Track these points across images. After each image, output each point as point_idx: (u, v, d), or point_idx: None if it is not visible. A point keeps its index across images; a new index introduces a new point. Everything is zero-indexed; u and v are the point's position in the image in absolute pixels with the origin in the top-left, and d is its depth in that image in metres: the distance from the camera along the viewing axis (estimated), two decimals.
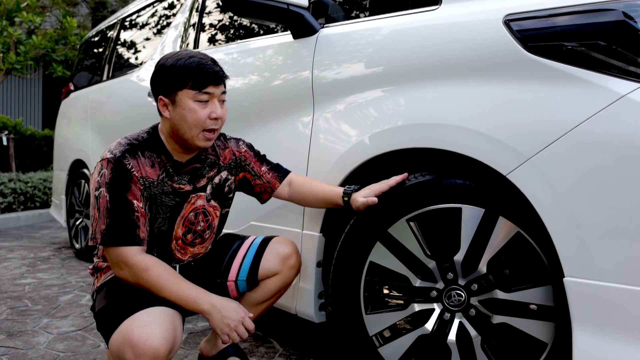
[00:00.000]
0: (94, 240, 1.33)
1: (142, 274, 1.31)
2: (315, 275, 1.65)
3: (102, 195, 1.33)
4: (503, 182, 1.25)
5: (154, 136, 1.44)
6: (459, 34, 1.31)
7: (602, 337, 1.05)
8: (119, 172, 1.34)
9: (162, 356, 1.22)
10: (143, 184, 1.37)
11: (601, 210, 1.06)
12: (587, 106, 1.08)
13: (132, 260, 1.31)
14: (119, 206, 1.32)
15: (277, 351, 1.88)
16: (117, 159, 1.34)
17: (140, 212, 1.35)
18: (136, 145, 1.40)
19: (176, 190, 1.44)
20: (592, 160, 1.07)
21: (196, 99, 1.37)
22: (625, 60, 1.06)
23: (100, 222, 1.32)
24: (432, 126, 1.33)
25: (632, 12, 1.07)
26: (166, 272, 1.34)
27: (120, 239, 1.31)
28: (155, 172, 1.41)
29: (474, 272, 1.33)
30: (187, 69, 1.36)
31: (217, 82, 1.38)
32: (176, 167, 1.45)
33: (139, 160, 1.38)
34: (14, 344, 1.90)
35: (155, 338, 1.21)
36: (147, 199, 1.39)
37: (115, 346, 1.24)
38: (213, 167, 1.53)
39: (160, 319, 1.25)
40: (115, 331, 1.25)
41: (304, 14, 1.70)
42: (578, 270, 1.08)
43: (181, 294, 1.33)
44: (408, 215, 1.38)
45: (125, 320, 1.25)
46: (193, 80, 1.35)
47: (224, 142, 1.59)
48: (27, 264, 3.39)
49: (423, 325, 1.39)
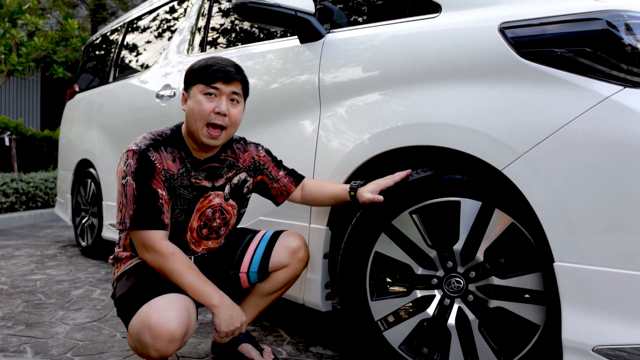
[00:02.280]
0: (123, 225, 1.43)
1: (165, 260, 1.41)
2: (322, 266, 1.75)
3: (128, 183, 1.43)
4: (498, 176, 1.35)
5: (177, 134, 1.55)
6: (458, 40, 1.42)
7: (587, 315, 1.16)
8: (143, 163, 1.44)
9: (178, 339, 1.32)
10: (165, 176, 1.48)
11: (588, 201, 1.16)
12: (574, 107, 1.19)
13: (158, 245, 1.41)
14: (145, 193, 1.43)
15: (284, 339, 1.98)
16: (141, 151, 1.45)
17: (164, 200, 1.46)
18: (160, 140, 1.51)
19: (193, 185, 1.54)
20: (580, 155, 1.17)
21: (204, 92, 1.48)
22: (609, 65, 1.17)
23: (128, 207, 1.43)
24: (433, 125, 1.43)
25: (615, 22, 1.18)
26: (187, 262, 1.44)
27: (147, 223, 1.42)
28: (176, 166, 1.51)
29: (471, 261, 1.43)
30: (203, 67, 1.49)
31: (225, 80, 1.48)
32: (194, 163, 1.55)
33: (162, 154, 1.49)
34: (34, 333, 1.99)
35: (171, 322, 1.30)
36: (168, 189, 1.49)
37: (134, 329, 1.34)
38: (232, 169, 1.64)
39: (176, 305, 1.35)
40: (134, 315, 1.35)
41: (310, 20, 1.80)
42: (566, 255, 1.19)
43: (197, 285, 1.43)
44: (411, 208, 1.48)
45: (143, 305, 1.35)
46: (204, 75, 1.48)
47: (244, 146, 1.69)
48: (35, 261, 3.48)
49: (424, 310, 1.49)
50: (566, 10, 1.24)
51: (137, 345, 1.35)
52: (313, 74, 1.81)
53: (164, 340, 1.30)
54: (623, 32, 1.17)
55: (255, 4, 1.71)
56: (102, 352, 1.81)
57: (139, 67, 3.28)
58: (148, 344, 1.30)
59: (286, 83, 1.93)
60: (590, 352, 1.15)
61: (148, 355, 1.33)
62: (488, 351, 1.41)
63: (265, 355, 1.70)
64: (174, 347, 1.32)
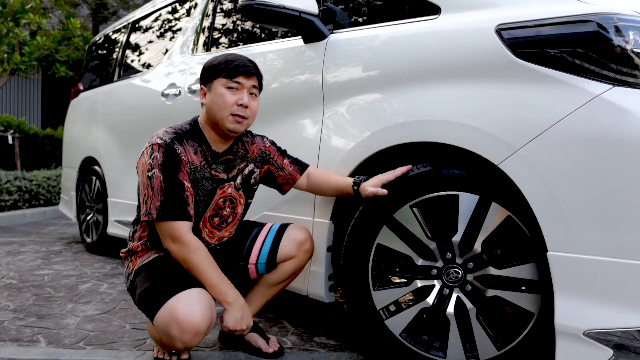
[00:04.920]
0: (149, 216, 1.50)
1: (190, 252, 1.48)
2: (326, 259, 1.81)
3: (155, 176, 1.50)
4: (495, 171, 1.42)
5: (196, 127, 1.63)
6: (456, 40, 1.48)
7: (579, 302, 1.23)
8: (170, 155, 1.51)
9: (203, 332, 1.41)
10: (190, 168, 1.55)
11: (580, 193, 1.23)
12: (567, 104, 1.25)
13: (185, 237, 1.48)
14: (172, 185, 1.49)
15: (289, 330, 2.04)
16: (167, 144, 1.52)
17: (189, 192, 1.53)
18: (181, 134, 1.58)
19: (214, 177, 1.62)
20: (572, 150, 1.24)
21: (227, 85, 1.57)
22: (600, 65, 1.24)
23: (155, 199, 1.49)
24: (432, 122, 1.50)
25: (605, 24, 1.25)
26: (209, 257, 1.52)
27: (175, 214, 1.48)
28: (198, 159, 1.58)
29: (469, 252, 1.50)
30: (224, 62, 1.57)
31: (247, 74, 1.57)
32: (214, 156, 1.63)
33: (185, 147, 1.56)
34: (46, 324, 2.06)
35: (197, 316, 1.39)
36: (192, 181, 1.56)
37: (161, 322, 1.41)
38: (243, 160, 1.71)
39: (201, 299, 1.43)
40: (161, 309, 1.42)
41: (314, 21, 1.87)
42: (559, 245, 1.26)
43: (216, 282, 1.50)
44: (411, 201, 1.55)
45: (169, 299, 1.42)
46: (226, 70, 1.56)
47: (252, 139, 1.77)
48: (41, 257, 3.54)
49: (424, 300, 1.56)
50: (559, 13, 1.31)
51: (163, 337, 1.43)
52: (317, 74, 1.87)
53: (190, 333, 1.39)
54: (612, 33, 1.23)
55: (260, 5, 1.78)
56: (113, 341, 1.87)
57: (143, 67, 3.34)
58: (175, 337, 1.38)
59: (290, 82, 1.99)
60: (581, 336, 1.22)
61: (173, 346, 1.41)
62: (485, 338, 1.47)
63: (271, 344, 1.77)
64: (198, 339, 1.41)
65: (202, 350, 1.80)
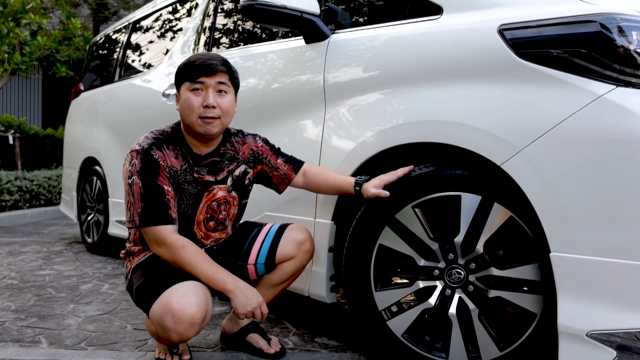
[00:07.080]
0: (133, 223, 1.50)
1: (179, 252, 1.48)
2: (327, 259, 1.81)
3: (135, 182, 1.50)
4: (497, 172, 1.41)
5: (177, 131, 1.62)
6: (459, 40, 1.48)
7: (582, 303, 1.23)
8: (147, 161, 1.51)
9: (197, 323, 1.40)
10: (169, 173, 1.54)
11: (583, 194, 1.23)
12: (569, 105, 1.25)
13: (170, 239, 1.48)
14: (151, 190, 1.49)
15: (290, 331, 2.04)
16: (144, 150, 1.52)
17: (170, 195, 1.52)
18: (161, 139, 1.57)
19: (197, 180, 1.61)
20: (575, 151, 1.24)
21: (191, 88, 1.54)
22: (602, 65, 1.23)
23: (136, 206, 1.49)
24: (435, 123, 1.49)
25: (608, 24, 1.24)
26: (199, 252, 1.51)
27: (156, 219, 1.48)
28: (178, 163, 1.57)
29: (472, 253, 1.50)
30: (185, 65, 1.56)
31: (208, 73, 1.53)
32: (196, 159, 1.62)
33: (164, 151, 1.55)
34: (47, 325, 2.05)
35: (192, 307, 1.38)
36: (174, 185, 1.56)
37: (156, 314, 1.41)
38: (233, 161, 1.70)
39: (195, 291, 1.43)
40: (156, 301, 1.43)
41: (316, 21, 1.86)
42: (562, 246, 1.25)
43: (212, 273, 1.50)
44: (413, 202, 1.54)
45: (164, 292, 1.42)
46: (188, 72, 1.54)
47: (242, 138, 1.75)
48: (42, 257, 3.54)
49: (427, 300, 1.56)
50: (562, 13, 1.31)
51: (158, 329, 1.43)
52: (318, 74, 1.87)
53: (185, 324, 1.38)
54: (615, 33, 1.23)
55: (262, 5, 1.77)
56: (114, 342, 1.87)
57: (144, 67, 3.34)
58: (170, 328, 1.38)
59: (291, 82, 1.99)
60: (584, 337, 1.22)
61: (169, 339, 1.41)
62: (487, 339, 1.47)
63: (273, 345, 1.77)
64: (194, 330, 1.40)
65: (204, 350, 1.80)
